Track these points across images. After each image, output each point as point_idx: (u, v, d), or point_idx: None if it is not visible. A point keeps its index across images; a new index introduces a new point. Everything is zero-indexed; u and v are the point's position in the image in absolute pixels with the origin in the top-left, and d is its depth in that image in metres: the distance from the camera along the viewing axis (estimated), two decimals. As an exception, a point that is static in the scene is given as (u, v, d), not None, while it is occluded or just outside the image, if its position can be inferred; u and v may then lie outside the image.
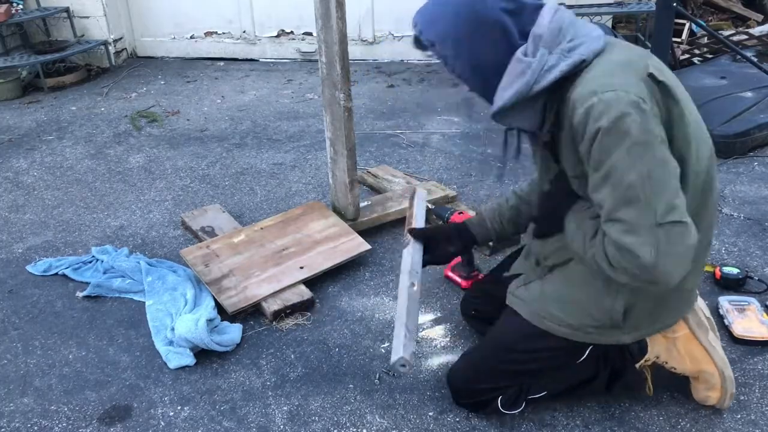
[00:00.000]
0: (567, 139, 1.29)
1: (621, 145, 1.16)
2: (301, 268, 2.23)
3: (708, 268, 2.15)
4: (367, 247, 2.33)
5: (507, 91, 1.25)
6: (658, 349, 1.57)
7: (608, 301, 1.41)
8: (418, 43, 1.36)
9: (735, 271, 2.10)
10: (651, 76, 1.20)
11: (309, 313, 2.11)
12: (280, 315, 2.07)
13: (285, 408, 1.73)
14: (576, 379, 1.60)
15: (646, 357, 1.58)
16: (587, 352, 1.53)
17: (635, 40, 4.33)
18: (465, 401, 1.65)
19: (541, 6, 1.27)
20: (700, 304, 1.62)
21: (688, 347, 1.57)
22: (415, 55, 5.08)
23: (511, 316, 1.59)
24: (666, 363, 1.60)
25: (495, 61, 1.26)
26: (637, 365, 1.59)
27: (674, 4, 3.05)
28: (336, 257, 2.28)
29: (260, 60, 5.32)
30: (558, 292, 1.49)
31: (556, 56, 1.23)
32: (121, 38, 5.34)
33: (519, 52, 1.24)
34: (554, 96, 1.27)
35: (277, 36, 5.29)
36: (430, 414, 1.67)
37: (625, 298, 1.40)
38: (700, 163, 1.27)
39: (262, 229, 2.44)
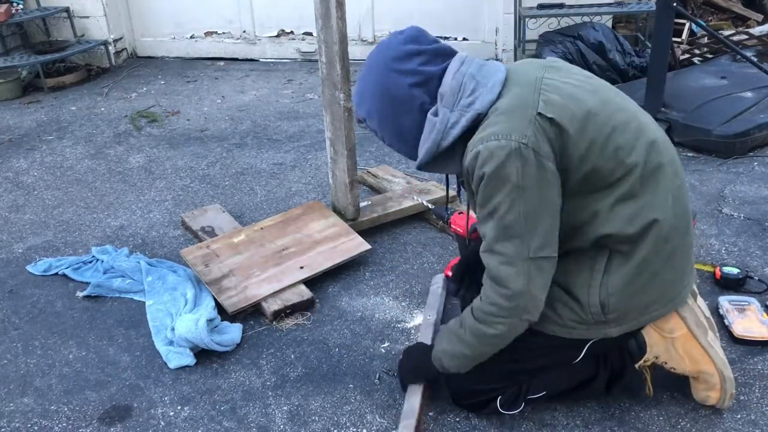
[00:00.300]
0: (467, 180, 1.42)
1: (502, 189, 1.30)
2: (301, 267, 2.22)
3: (708, 268, 2.15)
4: (367, 246, 2.32)
5: (422, 148, 1.43)
6: (657, 350, 1.57)
7: (583, 296, 1.42)
8: (356, 117, 1.56)
9: (735, 271, 2.10)
10: (540, 115, 1.30)
11: (309, 313, 2.11)
12: (280, 315, 2.07)
13: (285, 408, 1.74)
14: (576, 379, 1.60)
15: (645, 357, 1.58)
16: (584, 350, 1.53)
17: (635, 40, 4.33)
18: (464, 402, 1.64)
19: (447, 66, 1.42)
20: (700, 303, 1.62)
21: (686, 347, 1.57)
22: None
23: None
24: (665, 363, 1.60)
25: (413, 127, 1.43)
26: (637, 365, 1.59)
27: (674, 4, 3.05)
28: (336, 257, 2.27)
29: (260, 60, 5.32)
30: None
31: (457, 113, 1.37)
32: (121, 38, 5.34)
33: (430, 114, 1.40)
34: (463, 146, 1.40)
35: (277, 36, 5.29)
36: (430, 414, 1.67)
37: (598, 294, 1.41)
38: (629, 158, 1.34)
39: (262, 229, 2.43)
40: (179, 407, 1.76)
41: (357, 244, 2.33)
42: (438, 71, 1.41)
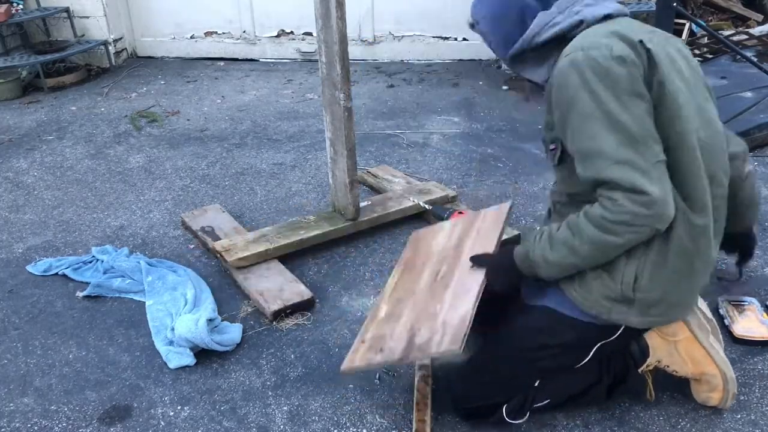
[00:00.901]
0: (547, 88, 1.42)
1: (612, 92, 1.28)
2: (472, 267, 1.63)
3: None
4: (510, 202, 1.81)
5: (519, 41, 1.44)
6: (660, 354, 1.57)
7: (620, 263, 1.39)
8: (471, 24, 1.56)
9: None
10: (641, 42, 1.31)
11: (309, 313, 2.11)
12: (280, 315, 2.07)
13: (285, 408, 1.74)
14: (580, 385, 1.59)
15: (648, 362, 1.57)
16: (593, 351, 1.52)
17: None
18: (468, 410, 1.61)
19: None
20: (701, 305, 1.62)
21: (689, 350, 1.56)
22: (415, 56, 5.09)
23: (517, 319, 1.59)
24: (668, 367, 1.59)
25: (521, 33, 1.44)
26: (639, 370, 1.59)
27: (674, 4, 3.05)
28: (492, 235, 1.69)
29: (260, 60, 5.32)
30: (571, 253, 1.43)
31: (563, 15, 1.39)
32: (121, 38, 5.34)
33: (540, 9, 1.42)
34: (558, 55, 1.39)
35: (277, 36, 5.29)
36: (431, 414, 1.67)
37: (636, 264, 1.39)
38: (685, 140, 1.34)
39: (395, 286, 1.86)
40: (179, 407, 1.76)
41: (498, 212, 1.78)
42: None
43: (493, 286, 1.54)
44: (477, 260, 1.60)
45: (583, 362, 1.54)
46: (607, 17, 1.40)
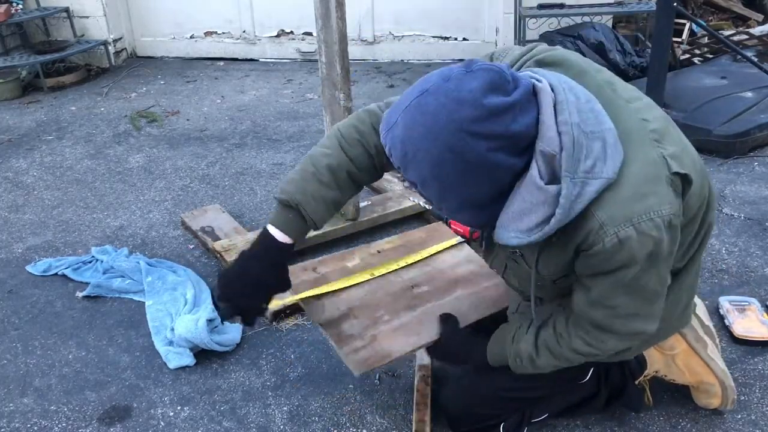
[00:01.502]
0: (559, 247, 1.17)
1: (654, 267, 1.14)
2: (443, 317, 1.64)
3: None
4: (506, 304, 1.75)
5: (527, 219, 1.09)
6: (657, 366, 1.57)
7: None
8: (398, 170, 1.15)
9: None
10: (675, 174, 1.12)
11: (309, 313, 2.10)
12: (280, 315, 2.07)
13: (285, 408, 1.73)
14: (577, 398, 1.58)
15: (645, 372, 1.57)
16: (590, 372, 1.51)
17: (635, 40, 4.33)
18: (464, 428, 1.56)
19: (530, 100, 1.05)
20: (700, 312, 1.61)
21: (687, 362, 1.56)
22: (415, 56, 5.09)
23: None
24: (665, 376, 1.59)
25: (493, 193, 1.09)
26: (637, 381, 1.58)
27: (674, 4, 3.05)
28: (482, 308, 1.68)
29: (260, 60, 5.32)
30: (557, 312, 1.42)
31: (579, 183, 1.05)
32: (120, 38, 5.34)
33: (536, 178, 1.06)
34: None
35: (277, 36, 5.29)
36: (430, 414, 1.67)
37: None
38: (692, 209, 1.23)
39: (379, 252, 1.88)
40: (179, 407, 1.76)
41: (502, 294, 1.71)
42: (530, 125, 1.05)
43: (436, 358, 1.58)
44: (446, 327, 1.54)
45: (584, 381, 1.52)
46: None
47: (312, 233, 2.39)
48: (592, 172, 1.05)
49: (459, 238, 1.93)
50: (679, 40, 4.39)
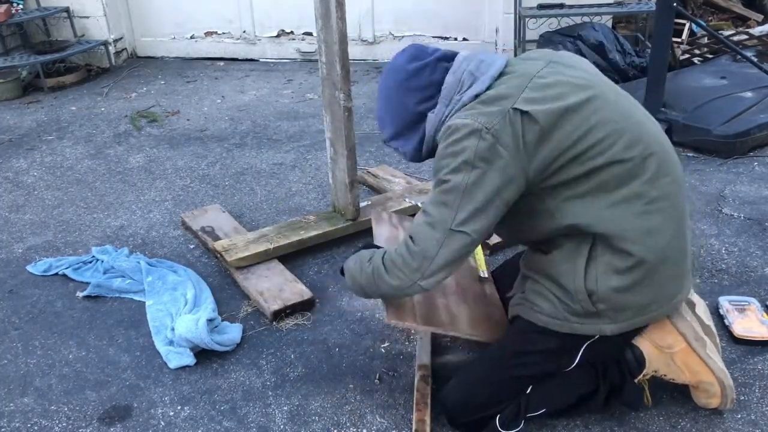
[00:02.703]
0: None
1: (453, 161, 1.37)
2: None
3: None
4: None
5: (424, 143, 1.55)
6: (656, 365, 1.57)
7: (569, 283, 1.42)
8: (384, 140, 1.66)
9: None
10: (514, 109, 1.35)
11: (309, 313, 2.11)
12: (280, 315, 2.07)
13: (285, 408, 1.74)
14: (576, 395, 1.58)
15: (644, 371, 1.57)
16: (580, 354, 1.51)
17: (635, 40, 4.33)
18: (462, 421, 1.58)
19: (441, 63, 1.51)
20: (700, 311, 1.61)
21: (686, 361, 1.56)
22: (415, 55, 5.08)
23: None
24: (665, 375, 1.59)
25: (430, 137, 1.53)
26: (636, 380, 1.58)
27: (674, 4, 3.05)
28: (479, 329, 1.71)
29: (260, 60, 5.32)
30: (536, 284, 1.51)
31: (450, 106, 1.46)
32: (121, 38, 5.34)
33: (429, 113, 1.50)
34: None
35: (277, 36, 5.29)
36: (430, 414, 1.67)
37: (584, 280, 1.41)
38: (601, 156, 1.37)
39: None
40: (179, 407, 1.76)
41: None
42: (441, 78, 1.49)
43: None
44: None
45: (574, 365, 1.53)
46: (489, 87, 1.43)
47: (312, 233, 2.41)
48: (459, 101, 1.44)
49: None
50: (679, 40, 4.39)
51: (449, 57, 1.52)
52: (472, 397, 1.55)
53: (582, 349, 1.51)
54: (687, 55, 4.17)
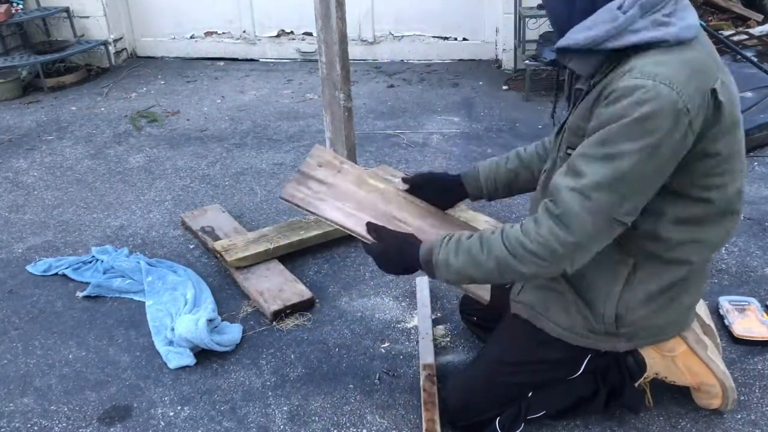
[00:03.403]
0: (593, 96, 1.26)
1: (639, 140, 1.16)
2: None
3: None
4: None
5: (582, 33, 1.22)
6: (657, 368, 1.56)
7: (600, 306, 1.41)
8: None
9: None
10: (713, 91, 1.20)
11: (309, 313, 2.11)
12: (280, 315, 2.07)
13: (285, 408, 1.74)
14: (575, 397, 1.58)
15: (645, 375, 1.57)
16: (584, 365, 1.51)
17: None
18: (462, 423, 1.58)
19: None
20: (700, 310, 1.61)
21: (687, 363, 1.56)
22: (415, 56, 5.09)
23: (507, 329, 1.59)
24: (666, 378, 1.59)
25: (585, 4, 1.23)
26: (637, 384, 1.58)
27: (674, 4, 3.05)
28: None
29: (260, 60, 5.32)
30: (556, 295, 1.48)
31: (645, 22, 1.18)
32: (121, 38, 5.34)
33: (613, 4, 1.20)
34: (619, 55, 1.23)
35: (277, 36, 5.29)
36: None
37: (615, 306, 1.40)
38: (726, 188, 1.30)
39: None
40: (179, 407, 1.76)
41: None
42: None
43: (381, 266, 1.50)
44: (376, 233, 1.53)
45: (575, 375, 1.53)
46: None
47: (312, 233, 2.41)
48: (662, 27, 1.18)
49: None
50: (679, 40, 4.38)
51: None
52: (473, 400, 1.55)
53: (587, 360, 1.51)
54: (687, 55, 4.16)
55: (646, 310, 1.41)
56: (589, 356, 1.50)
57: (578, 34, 1.22)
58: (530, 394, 1.56)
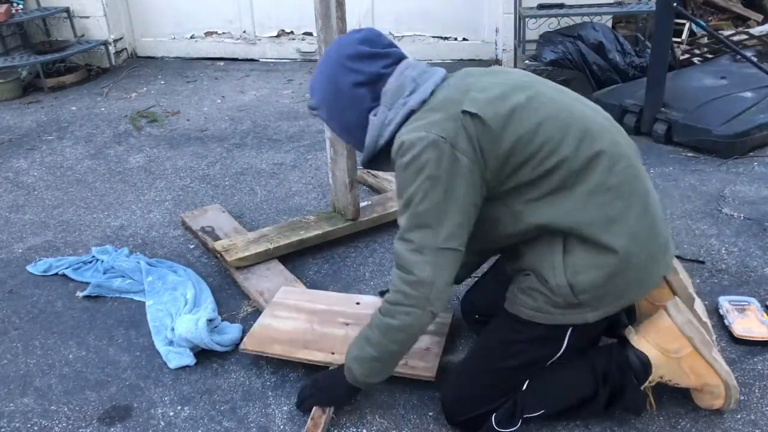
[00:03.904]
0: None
1: (417, 179, 1.35)
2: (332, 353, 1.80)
3: None
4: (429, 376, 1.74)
5: (365, 145, 1.50)
6: (662, 370, 1.56)
7: (550, 278, 1.42)
8: (310, 107, 1.61)
9: None
10: (464, 112, 1.36)
11: (309, 313, 2.10)
12: (280, 315, 2.07)
13: (285, 408, 1.74)
14: (575, 397, 1.58)
15: (651, 378, 1.57)
16: (566, 339, 1.51)
17: (635, 40, 4.33)
18: (458, 420, 1.60)
19: (393, 70, 1.47)
20: (698, 307, 1.61)
21: (692, 365, 1.55)
22: (415, 56, 5.08)
23: (493, 322, 1.62)
24: (670, 381, 1.58)
25: (359, 124, 1.50)
26: (642, 387, 1.58)
27: (674, 4, 3.05)
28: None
29: (260, 60, 5.32)
30: (519, 281, 1.50)
31: (393, 111, 1.44)
32: (121, 38, 5.34)
33: (371, 114, 1.47)
34: None
35: (277, 36, 5.29)
36: (430, 414, 1.67)
37: (564, 274, 1.40)
38: (553, 156, 1.37)
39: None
40: (179, 407, 1.76)
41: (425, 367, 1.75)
42: (385, 73, 1.47)
43: (331, 405, 1.67)
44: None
45: (561, 351, 1.52)
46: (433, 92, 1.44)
47: (312, 233, 2.41)
48: (404, 106, 1.43)
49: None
50: (679, 40, 4.39)
51: (397, 58, 1.50)
52: (464, 391, 1.57)
53: (567, 336, 1.51)
54: (687, 55, 4.17)
55: (596, 273, 1.40)
56: (570, 330, 1.50)
57: (363, 151, 1.52)
58: (525, 387, 1.56)
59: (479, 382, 1.56)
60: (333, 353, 1.78)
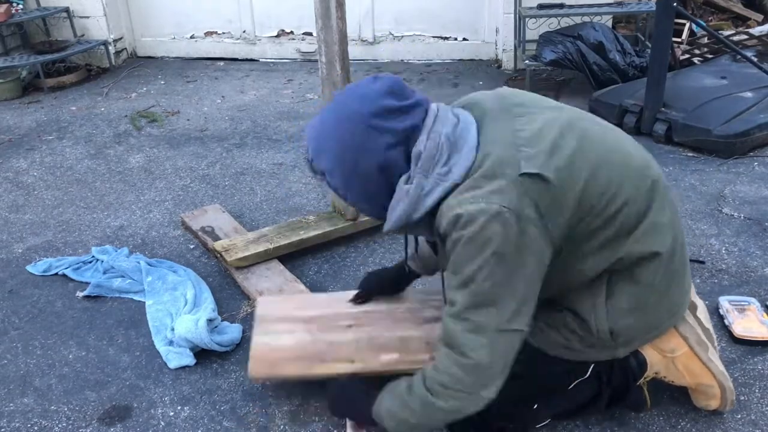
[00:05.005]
0: (440, 243, 1.32)
1: (480, 256, 1.20)
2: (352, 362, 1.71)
3: None
4: None
5: (393, 215, 1.29)
6: (657, 368, 1.56)
7: (591, 322, 1.41)
8: (310, 165, 1.37)
9: None
10: (523, 175, 1.21)
11: (309, 313, 2.10)
12: (280, 315, 2.07)
13: (285, 408, 1.73)
14: (579, 400, 1.58)
15: (646, 374, 1.57)
16: (590, 370, 1.51)
17: (635, 40, 4.33)
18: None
19: (418, 110, 1.27)
20: (701, 313, 1.61)
21: (687, 364, 1.56)
22: (415, 56, 5.09)
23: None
24: (665, 378, 1.59)
25: (381, 191, 1.29)
26: (638, 383, 1.58)
27: (674, 4, 3.05)
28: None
29: (260, 60, 5.32)
30: (550, 315, 1.47)
31: (432, 181, 1.25)
32: (121, 38, 5.34)
33: (402, 180, 1.27)
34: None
35: (277, 36, 5.29)
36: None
37: (606, 319, 1.40)
38: (614, 202, 1.29)
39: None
40: (179, 407, 1.76)
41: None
42: (415, 125, 1.27)
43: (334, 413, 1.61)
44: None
45: (581, 380, 1.53)
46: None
47: (312, 233, 2.41)
48: (446, 176, 1.24)
49: None
50: (679, 40, 4.39)
51: (422, 105, 1.30)
52: (478, 414, 1.52)
53: (592, 366, 1.51)
54: (687, 55, 4.17)
55: (636, 316, 1.41)
56: (593, 364, 1.50)
57: (391, 216, 1.30)
58: (535, 407, 1.55)
59: (497, 405, 1.47)
60: (353, 361, 1.68)
